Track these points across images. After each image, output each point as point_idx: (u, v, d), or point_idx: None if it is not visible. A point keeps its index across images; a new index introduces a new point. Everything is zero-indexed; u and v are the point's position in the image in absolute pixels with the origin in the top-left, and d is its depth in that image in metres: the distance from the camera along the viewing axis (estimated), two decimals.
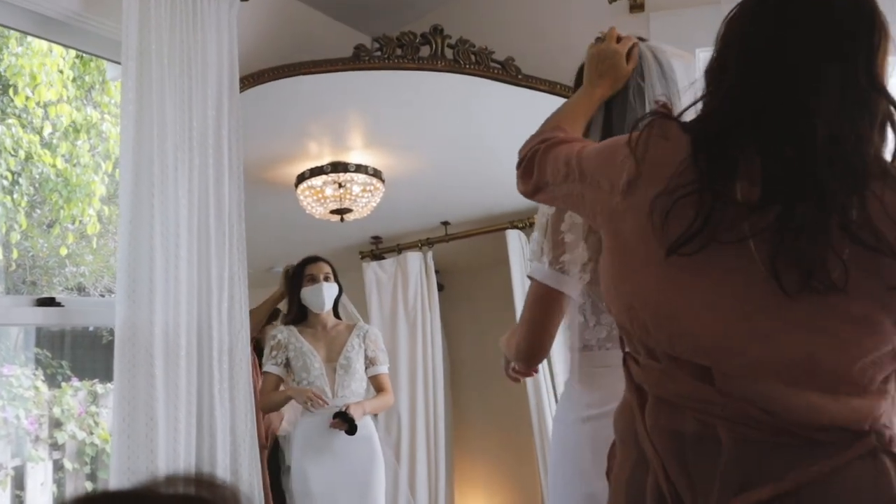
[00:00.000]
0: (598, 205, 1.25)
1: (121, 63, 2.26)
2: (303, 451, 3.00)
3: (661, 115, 1.21)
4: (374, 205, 3.27)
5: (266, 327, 3.23)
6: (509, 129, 3.13)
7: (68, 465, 3.63)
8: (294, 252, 3.30)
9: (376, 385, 3.18)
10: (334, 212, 3.22)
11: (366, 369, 3.16)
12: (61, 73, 3.85)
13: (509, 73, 2.97)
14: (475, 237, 3.54)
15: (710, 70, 1.19)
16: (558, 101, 2.84)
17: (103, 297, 4.20)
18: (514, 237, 3.38)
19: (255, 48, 2.79)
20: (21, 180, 3.87)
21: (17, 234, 3.85)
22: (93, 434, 3.72)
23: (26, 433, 3.55)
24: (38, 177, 3.93)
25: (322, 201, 3.20)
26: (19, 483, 3.47)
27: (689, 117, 1.22)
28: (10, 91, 3.74)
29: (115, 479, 2.16)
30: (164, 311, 2.23)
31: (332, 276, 3.16)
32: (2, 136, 3.78)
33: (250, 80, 2.73)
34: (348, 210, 3.22)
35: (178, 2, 2.36)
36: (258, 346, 3.09)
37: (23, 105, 3.77)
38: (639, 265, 1.17)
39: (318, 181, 3.19)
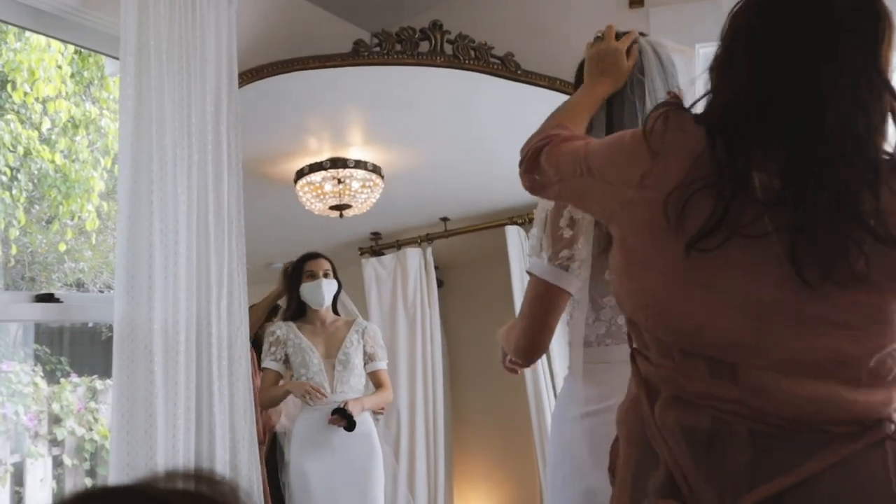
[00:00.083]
0: (607, 199, 1.24)
1: (119, 59, 2.25)
2: (301, 447, 3.00)
3: (675, 106, 1.19)
4: (374, 201, 3.26)
5: (265, 324, 3.23)
6: (509, 125, 3.14)
7: (67, 461, 3.63)
8: (293, 248, 3.30)
9: (375, 381, 3.18)
10: (333, 208, 3.22)
11: (364, 365, 3.16)
12: (60, 68, 3.85)
13: (509, 68, 2.96)
14: (474, 233, 3.54)
15: (717, 64, 1.19)
16: (558, 96, 2.87)
17: (102, 293, 4.20)
18: (513, 233, 3.38)
19: (254, 44, 2.78)
20: (20, 176, 3.86)
21: (16, 230, 3.84)
22: (92, 430, 3.72)
23: (25, 429, 3.55)
24: (36, 172, 3.92)
25: (321, 197, 3.20)
26: (19, 479, 3.47)
27: (696, 111, 1.21)
28: (8, 87, 3.74)
29: (114, 475, 2.16)
30: (163, 307, 2.23)
31: (331, 272, 3.16)
32: (0, 132, 3.77)
33: (249, 76, 2.73)
34: (347, 206, 3.22)
35: None
36: (257, 343, 3.08)
37: (21, 101, 3.76)
38: (654, 260, 1.16)
39: (317, 177, 3.19)
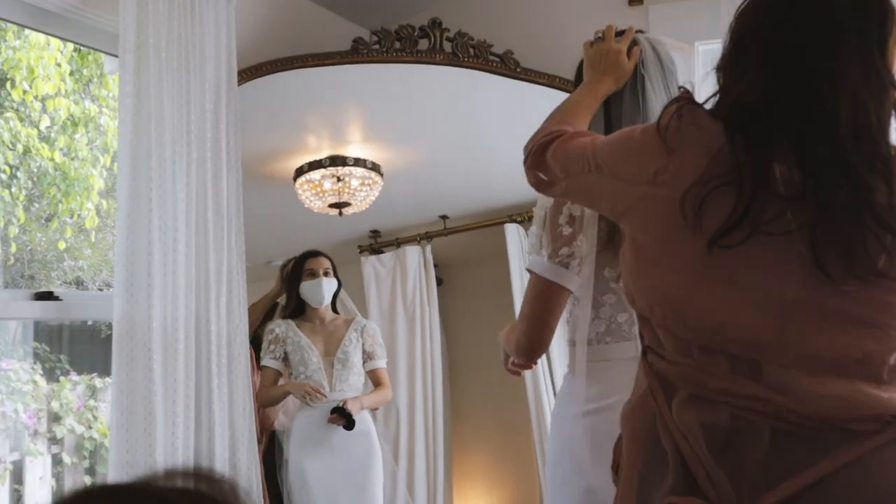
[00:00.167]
0: (617, 195, 1.23)
1: (118, 56, 2.25)
2: (300, 446, 3.00)
3: (688, 101, 1.18)
4: (373, 199, 3.26)
5: (264, 322, 3.23)
6: (508, 122, 3.15)
7: (67, 459, 3.63)
8: (292, 246, 3.29)
9: (374, 379, 3.18)
10: (333, 205, 3.22)
11: (363, 364, 3.16)
12: (59, 66, 3.84)
13: (508, 66, 2.96)
14: (474, 231, 3.54)
15: (727, 60, 1.18)
16: (557, 94, 2.86)
17: (101, 291, 4.20)
18: (512, 231, 3.38)
19: (253, 41, 2.78)
20: (19, 174, 3.86)
21: (16, 228, 3.84)
22: (91, 428, 3.72)
23: (25, 427, 3.55)
24: (36, 170, 3.92)
25: (320, 195, 3.20)
26: (18, 477, 3.46)
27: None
28: (7, 85, 3.73)
29: (113, 473, 2.16)
30: (163, 305, 2.23)
31: (331, 271, 3.16)
32: (0, 130, 3.77)
33: (248, 74, 2.72)
34: (347, 204, 3.22)
35: None
36: (255, 341, 3.08)
37: (20, 99, 3.76)
38: (669, 258, 1.15)
39: (316, 175, 3.19)
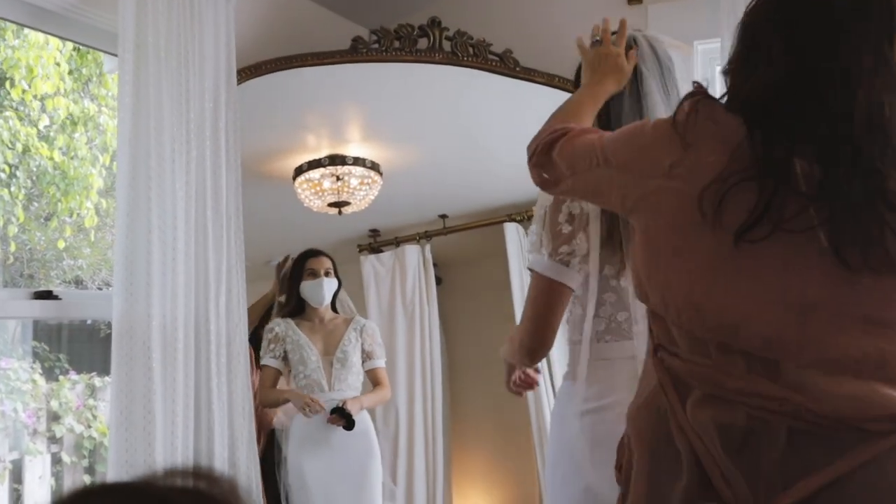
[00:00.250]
0: (629, 190, 1.22)
1: (118, 55, 2.24)
2: (299, 445, 3.00)
3: (704, 95, 1.18)
4: (372, 198, 3.26)
5: (264, 322, 3.23)
6: (507, 122, 3.16)
7: (66, 458, 3.63)
8: (292, 245, 3.29)
9: (373, 379, 3.18)
10: (332, 205, 3.22)
11: (363, 363, 3.16)
12: (58, 65, 3.84)
13: (507, 65, 2.96)
14: (473, 230, 3.53)
15: (739, 56, 1.18)
16: (556, 93, 2.86)
17: (101, 290, 4.19)
18: (511, 230, 3.38)
19: (252, 40, 2.78)
20: (18, 173, 3.86)
21: (15, 227, 3.84)
22: (91, 427, 3.72)
23: (24, 426, 3.55)
24: (35, 170, 3.92)
25: (320, 194, 3.20)
26: (17, 476, 3.46)
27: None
28: (6, 84, 3.73)
29: (112, 473, 2.16)
30: (162, 305, 2.23)
31: (332, 271, 3.16)
32: None
33: (248, 73, 2.72)
34: (346, 203, 3.22)
35: None
36: (254, 339, 3.08)
37: (19, 98, 3.75)
38: (685, 254, 1.14)
39: (315, 174, 3.19)
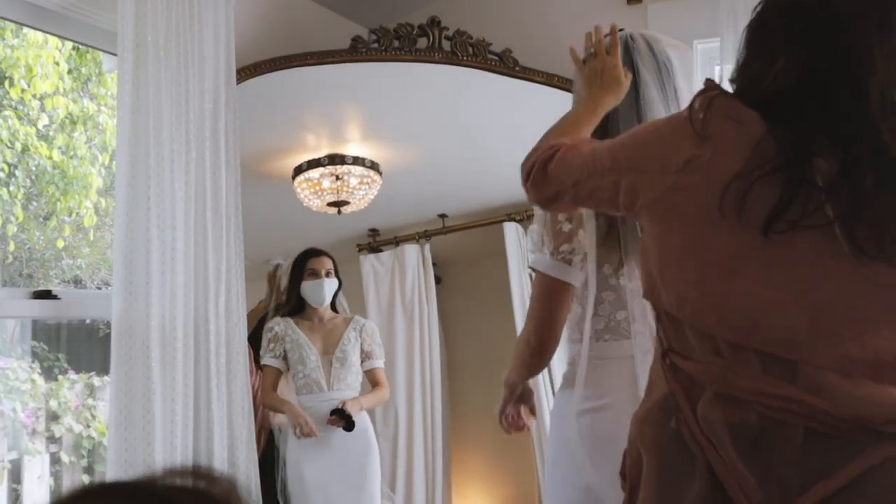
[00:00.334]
0: (640, 188, 1.20)
1: (117, 55, 2.24)
2: (298, 444, 2.99)
3: (719, 91, 1.17)
4: (372, 197, 3.26)
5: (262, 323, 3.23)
6: (507, 121, 3.16)
7: (65, 458, 3.63)
8: (291, 245, 3.29)
9: (372, 379, 3.18)
10: (331, 204, 3.22)
11: (362, 363, 3.16)
12: (57, 65, 3.84)
13: (507, 64, 2.96)
14: (472, 230, 3.54)
15: (752, 49, 1.18)
16: (556, 93, 2.86)
17: (100, 289, 4.20)
18: (511, 229, 3.38)
19: (251, 40, 2.78)
20: (17, 172, 3.85)
21: (14, 227, 3.84)
22: (90, 427, 3.72)
23: (23, 426, 3.55)
24: (34, 169, 3.92)
25: (319, 193, 3.20)
26: (16, 476, 3.46)
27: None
28: (5, 83, 3.73)
29: (112, 472, 2.15)
30: (161, 304, 2.23)
31: (333, 271, 3.15)
32: None
33: (247, 72, 2.72)
34: (345, 202, 3.22)
35: None
36: (252, 338, 3.08)
37: (19, 97, 3.75)
38: (703, 250, 1.12)
39: (315, 173, 3.19)
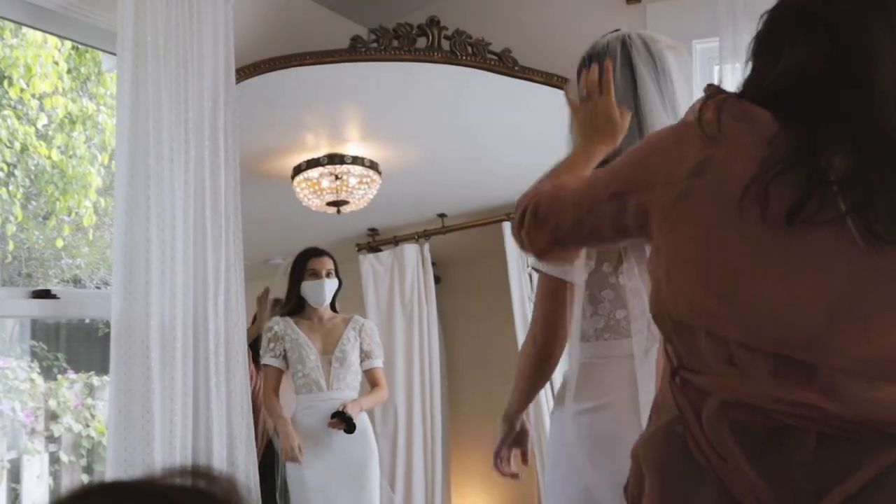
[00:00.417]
0: (650, 204, 1.17)
1: (116, 54, 2.25)
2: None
3: (725, 94, 1.16)
4: (371, 197, 3.26)
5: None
6: (506, 121, 3.16)
7: (64, 457, 3.63)
8: (290, 244, 3.29)
9: (371, 379, 3.19)
10: (331, 204, 3.21)
11: (361, 363, 3.16)
12: (56, 64, 3.84)
13: (506, 64, 2.96)
14: (472, 229, 3.53)
15: (761, 46, 1.17)
16: (555, 92, 2.86)
17: (99, 289, 4.20)
18: (510, 229, 3.37)
19: (251, 39, 2.78)
20: (17, 172, 3.85)
21: (13, 226, 3.84)
22: (89, 426, 3.72)
23: (22, 426, 3.55)
24: (33, 168, 3.92)
25: (318, 193, 3.20)
26: (15, 476, 3.46)
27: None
28: (4, 83, 3.73)
29: (111, 472, 2.16)
30: (161, 303, 2.23)
31: (333, 271, 3.15)
32: None
33: (246, 72, 2.72)
34: (345, 202, 3.22)
35: None
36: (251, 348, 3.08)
37: (17, 97, 3.75)
38: (718, 251, 1.11)
39: (314, 173, 3.18)
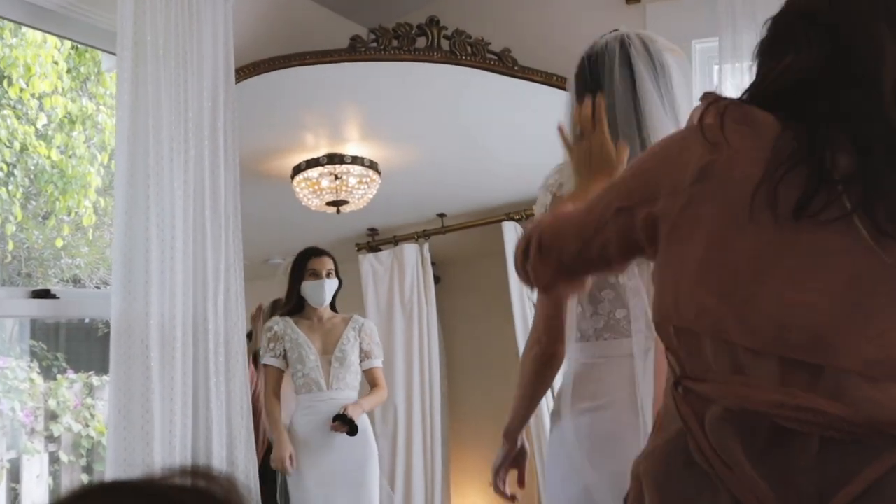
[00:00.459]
0: (659, 214, 1.16)
1: (116, 54, 2.25)
2: (297, 446, 2.99)
3: (726, 99, 1.14)
4: (371, 196, 3.26)
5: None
6: (506, 121, 3.16)
7: (64, 457, 3.63)
8: (290, 244, 3.30)
9: (370, 379, 3.19)
10: (330, 203, 3.22)
11: (360, 362, 3.17)
12: (56, 64, 3.84)
13: (506, 64, 2.96)
14: (471, 229, 3.53)
15: (770, 47, 1.17)
16: (555, 92, 2.86)
17: (99, 288, 4.20)
18: (510, 229, 3.38)
19: (251, 39, 2.78)
20: (16, 172, 3.86)
21: (13, 226, 3.84)
22: (89, 426, 3.72)
23: (22, 426, 3.55)
24: (33, 168, 3.92)
25: (318, 193, 3.20)
26: (15, 476, 3.46)
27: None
28: (4, 82, 3.73)
29: (111, 471, 2.16)
30: (160, 303, 2.23)
31: (334, 271, 3.15)
32: None
33: (246, 72, 2.72)
34: (344, 202, 3.22)
35: None
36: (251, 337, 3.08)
37: (17, 96, 3.75)
38: (724, 255, 1.09)
39: (314, 173, 3.19)
